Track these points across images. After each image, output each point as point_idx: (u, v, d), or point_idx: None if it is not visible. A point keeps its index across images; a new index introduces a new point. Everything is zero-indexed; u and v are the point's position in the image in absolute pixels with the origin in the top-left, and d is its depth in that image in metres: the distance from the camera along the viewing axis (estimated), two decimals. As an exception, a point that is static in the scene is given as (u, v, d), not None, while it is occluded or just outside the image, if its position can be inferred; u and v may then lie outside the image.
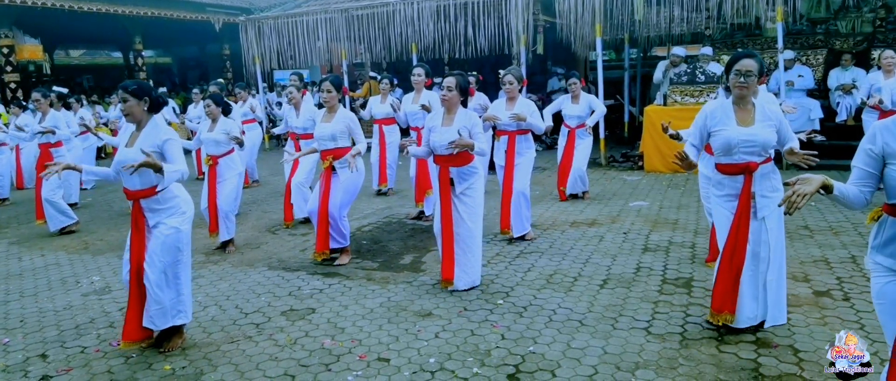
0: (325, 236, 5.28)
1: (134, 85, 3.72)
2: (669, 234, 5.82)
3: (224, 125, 6.04)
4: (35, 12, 12.38)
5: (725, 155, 3.52)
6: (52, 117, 7.05)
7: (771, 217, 3.51)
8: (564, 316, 3.98)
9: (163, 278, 3.68)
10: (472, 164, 4.54)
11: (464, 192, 4.54)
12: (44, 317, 4.55)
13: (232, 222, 6.04)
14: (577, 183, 7.43)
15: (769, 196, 3.50)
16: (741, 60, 3.43)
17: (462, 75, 4.65)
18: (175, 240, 3.68)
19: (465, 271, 4.54)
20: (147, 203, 3.66)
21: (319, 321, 4.14)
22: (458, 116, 4.53)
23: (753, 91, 3.52)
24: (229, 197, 6.03)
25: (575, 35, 10.17)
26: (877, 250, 2.35)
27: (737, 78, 3.44)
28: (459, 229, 4.53)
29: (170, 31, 17.56)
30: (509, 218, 5.73)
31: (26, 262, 6.09)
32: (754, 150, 3.45)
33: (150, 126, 3.70)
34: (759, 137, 3.43)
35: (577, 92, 7.35)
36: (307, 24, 12.83)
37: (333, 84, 5.29)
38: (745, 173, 3.48)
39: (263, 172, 10.37)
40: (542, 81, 14.87)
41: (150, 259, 3.65)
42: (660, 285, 4.48)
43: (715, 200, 3.70)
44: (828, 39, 10.46)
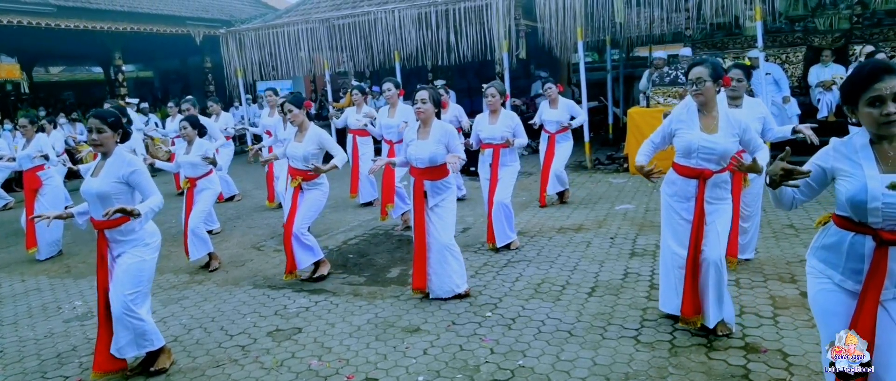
0: (291, 254, 5.21)
1: (112, 116, 3.61)
2: (656, 237, 5.80)
3: (200, 148, 5.96)
4: (11, 31, 12.21)
5: (685, 158, 3.57)
6: (36, 142, 6.93)
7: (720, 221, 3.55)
8: (553, 327, 3.96)
9: (126, 309, 3.60)
10: (446, 179, 4.57)
11: (437, 204, 4.54)
12: (24, 346, 4.45)
13: (203, 237, 5.87)
14: (555, 183, 7.44)
15: (714, 204, 3.56)
16: (692, 69, 3.52)
17: (433, 88, 4.71)
18: (137, 270, 3.60)
19: (442, 279, 4.54)
20: (111, 234, 3.60)
21: (306, 341, 4.08)
22: (434, 128, 4.53)
23: (711, 97, 3.52)
24: (200, 215, 5.93)
25: (556, 39, 10.19)
26: (814, 252, 2.42)
27: (691, 87, 3.49)
28: (432, 239, 4.54)
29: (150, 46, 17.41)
30: (493, 231, 5.70)
31: (6, 288, 5.98)
32: (712, 157, 3.49)
33: (115, 156, 3.62)
34: (719, 146, 3.46)
35: (553, 96, 7.37)
36: (288, 34, 12.78)
37: (293, 103, 5.24)
38: (698, 179, 3.52)
39: (246, 186, 10.27)
40: (525, 84, 14.89)
41: (114, 289, 3.59)
42: (648, 291, 4.46)
43: (663, 196, 3.74)
44: (806, 37, 10.55)
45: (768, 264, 4.86)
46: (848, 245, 2.24)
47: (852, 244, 2.23)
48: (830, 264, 2.31)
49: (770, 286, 4.38)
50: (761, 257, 5.01)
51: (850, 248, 2.24)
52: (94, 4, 13.62)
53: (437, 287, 4.56)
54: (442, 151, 4.47)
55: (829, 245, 2.32)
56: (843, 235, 2.26)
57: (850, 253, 2.24)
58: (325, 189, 5.34)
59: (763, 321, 3.82)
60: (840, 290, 2.29)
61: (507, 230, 5.74)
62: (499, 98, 5.75)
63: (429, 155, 4.46)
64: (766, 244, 5.34)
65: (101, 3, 13.85)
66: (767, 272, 4.67)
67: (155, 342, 3.75)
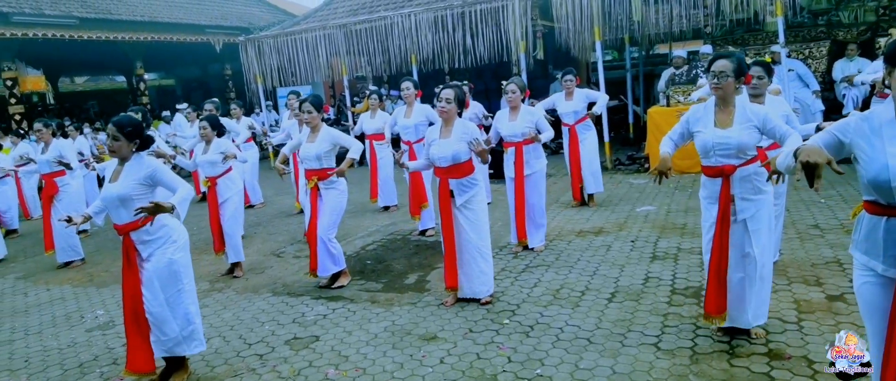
0: (315, 256, 5.23)
1: (129, 126, 3.63)
2: (678, 240, 5.72)
3: (218, 146, 6.01)
4: (37, 43, 12.47)
5: (704, 157, 3.50)
6: (55, 147, 7.05)
7: (754, 219, 3.45)
8: (572, 334, 3.90)
9: (167, 312, 3.64)
10: (471, 176, 4.52)
11: (465, 204, 4.50)
12: (48, 355, 4.52)
13: (238, 243, 6.00)
14: (590, 182, 7.32)
15: (751, 198, 3.45)
16: (716, 62, 3.42)
17: (458, 87, 4.63)
18: (171, 271, 3.64)
19: (471, 279, 4.52)
20: (137, 236, 3.62)
21: (323, 350, 4.08)
22: (456, 127, 4.50)
23: (730, 92, 3.43)
24: (232, 218, 6.01)
25: (574, 39, 10.10)
26: (856, 245, 2.34)
27: (711, 79, 3.41)
28: (462, 239, 4.51)
29: (171, 54, 17.66)
30: (524, 228, 5.66)
31: (32, 297, 6.08)
32: (729, 152, 3.40)
33: (135, 160, 3.66)
34: (734, 139, 3.36)
35: (570, 89, 7.22)
36: (306, 40, 12.83)
37: (314, 105, 5.26)
38: (721, 176, 3.43)
39: (268, 193, 10.33)
40: (543, 85, 14.79)
41: (150, 294, 3.61)
42: (669, 297, 4.38)
43: (701, 200, 3.67)
44: (830, 31, 10.32)
45: (792, 266, 4.75)
46: (884, 230, 2.14)
47: (888, 229, 2.12)
48: (872, 255, 2.22)
49: (794, 290, 4.27)
50: (785, 258, 4.89)
51: (886, 233, 2.13)
52: (116, 15, 13.84)
53: (466, 287, 4.54)
54: (464, 148, 4.43)
55: (867, 234, 2.22)
56: (876, 220, 2.16)
57: (888, 238, 2.13)
58: (342, 188, 5.31)
59: (787, 326, 3.73)
60: (883, 282, 2.20)
61: (541, 232, 5.78)
62: (519, 94, 5.70)
63: (451, 153, 4.43)
64: (791, 245, 5.22)
65: (122, 14, 14.07)
66: (791, 275, 4.55)
67: (200, 343, 3.82)
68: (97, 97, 23.18)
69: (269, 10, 19.75)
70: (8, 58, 12.46)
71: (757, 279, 3.49)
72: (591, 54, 11.30)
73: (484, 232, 4.57)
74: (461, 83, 8.05)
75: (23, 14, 11.99)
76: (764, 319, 3.60)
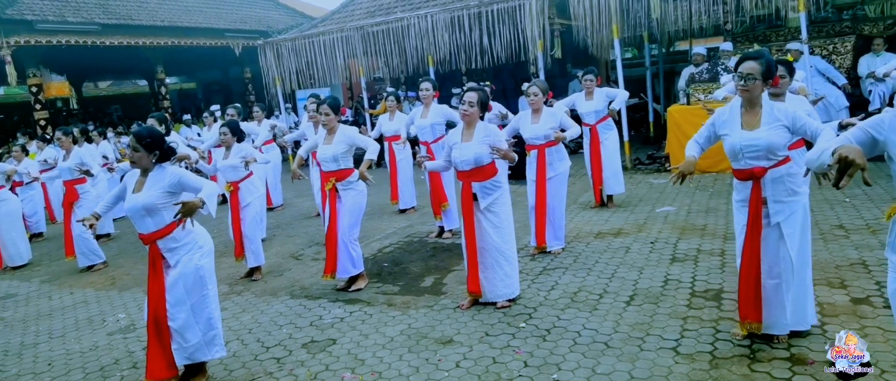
0: (334, 258, 5.23)
1: (148, 137, 3.67)
2: (698, 241, 5.64)
3: (239, 151, 6.04)
4: (60, 50, 12.69)
5: (734, 160, 3.43)
6: (76, 155, 7.15)
7: (788, 222, 3.37)
8: (589, 338, 3.86)
9: (191, 317, 3.67)
10: (495, 178, 4.49)
11: (489, 206, 4.47)
12: (71, 359, 4.58)
13: (258, 247, 6.04)
14: (611, 182, 7.25)
15: (784, 201, 3.37)
16: (743, 63, 3.33)
17: (482, 90, 4.60)
18: (197, 277, 3.68)
19: (494, 284, 4.49)
20: (164, 243, 3.66)
21: (340, 353, 4.09)
22: (478, 130, 4.47)
23: (758, 94, 3.35)
24: (253, 222, 6.04)
25: (592, 37, 10.01)
26: (892, 246, 2.29)
27: (739, 81, 3.33)
28: (485, 243, 4.48)
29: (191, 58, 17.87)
30: (545, 233, 5.62)
31: (56, 301, 6.17)
32: (758, 154, 3.32)
33: (156, 173, 3.70)
34: (762, 140, 3.28)
35: (591, 89, 7.14)
36: (324, 43, 12.90)
37: (331, 106, 5.27)
38: (752, 179, 3.36)
39: (288, 195, 10.40)
40: (562, 84, 14.70)
41: (175, 301, 3.64)
42: (688, 299, 4.32)
43: (733, 204, 3.60)
44: (856, 25, 10.11)
45: (816, 267, 4.59)
46: None
47: None
48: None
49: (818, 292, 4.17)
50: None
51: None
52: (136, 21, 14.04)
53: (489, 292, 4.51)
54: (486, 150, 4.40)
55: None
56: None
57: None
58: (361, 189, 5.31)
59: (810, 330, 3.64)
60: None
61: (560, 235, 5.73)
62: (541, 97, 5.66)
63: (473, 156, 4.40)
64: (814, 246, 5.04)
65: (143, 20, 14.27)
66: (815, 277, 4.39)
67: (221, 348, 3.85)
68: (120, 101, 23.54)
69: (288, 13, 19.89)
70: (32, 64, 12.69)
71: (794, 284, 3.40)
72: (609, 52, 11.20)
73: (509, 234, 4.54)
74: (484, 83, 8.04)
75: (46, 21, 12.21)
76: (807, 324, 3.50)
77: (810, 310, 3.52)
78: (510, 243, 4.55)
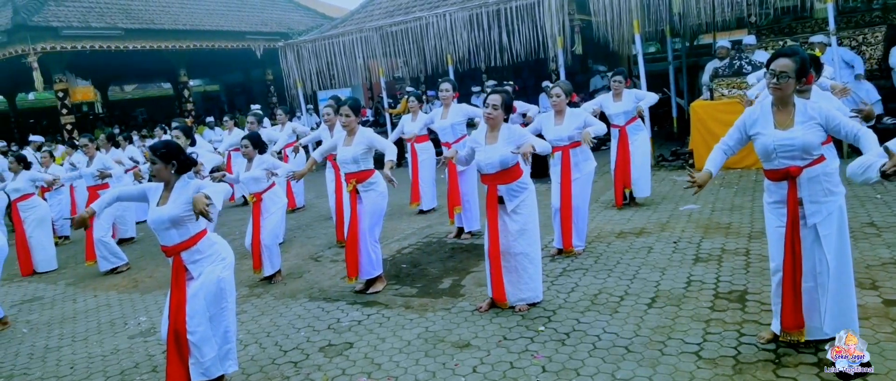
0: (356, 261, 5.21)
1: (163, 148, 3.67)
2: (722, 240, 5.51)
3: (261, 162, 6.04)
4: (84, 55, 12.89)
5: (766, 161, 3.31)
6: (98, 160, 7.24)
7: (825, 223, 3.24)
8: (609, 342, 3.78)
9: (209, 330, 3.65)
10: (521, 180, 4.41)
11: (516, 209, 4.40)
12: (92, 363, 4.62)
13: (276, 254, 6.03)
14: (639, 185, 7.10)
15: (821, 201, 3.24)
16: (776, 60, 3.20)
17: (506, 93, 4.51)
18: (219, 288, 3.67)
19: (518, 287, 4.41)
20: (188, 255, 3.65)
21: (356, 357, 4.06)
22: (503, 132, 4.40)
23: (790, 92, 3.23)
24: (273, 231, 6.02)
25: (612, 32, 9.87)
26: None
27: (771, 79, 3.20)
28: (509, 247, 4.40)
29: (214, 61, 18.05)
30: (571, 236, 5.53)
31: (80, 304, 6.25)
32: (793, 153, 3.19)
33: (180, 185, 3.69)
34: (798, 139, 3.16)
35: (619, 90, 6.99)
36: (344, 44, 12.92)
37: (352, 108, 5.25)
38: (787, 179, 3.24)
39: (308, 196, 10.43)
40: (583, 80, 14.55)
41: (194, 312, 3.61)
42: (712, 301, 4.21)
43: (764, 206, 3.47)
44: (886, 15, 9.82)
45: (846, 267, 4.50)
46: None
47: None
48: None
49: None
50: None
51: None
52: (159, 25, 14.22)
53: (511, 295, 4.43)
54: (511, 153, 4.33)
55: None
56: None
57: None
58: (382, 190, 5.29)
59: (840, 333, 3.52)
60: None
61: (582, 237, 5.65)
62: (564, 98, 5.56)
63: (499, 159, 4.32)
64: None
65: (165, 24, 14.44)
66: (845, 277, 4.31)
67: (234, 363, 3.82)
68: (145, 104, 23.90)
69: (308, 14, 19.98)
70: (59, 70, 12.92)
71: (830, 288, 3.26)
72: (630, 47, 11.04)
73: (534, 237, 4.45)
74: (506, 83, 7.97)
75: (71, 28, 12.42)
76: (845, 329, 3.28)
77: (852, 316, 3.32)
78: (535, 246, 4.47)
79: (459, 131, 7.02)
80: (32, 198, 7.78)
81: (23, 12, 11.85)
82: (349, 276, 5.26)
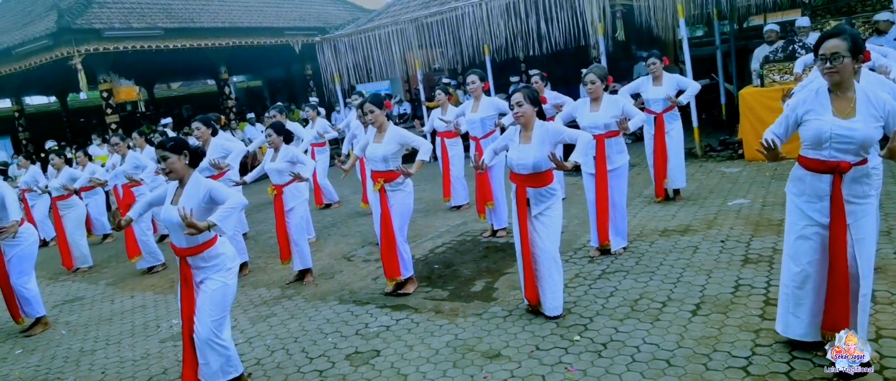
0: (394, 260, 5.06)
1: (171, 141, 3.66)
2: (773, 239, 5.14)
3: (286, 154, 5.94)
4: (127, 55, 13.11)
5: (815, 149, 2.99)
6: (131, 158, 7.30)
7: (858, 226, 2.97)
8: (650, 354, 3.52)
9: (213, 335, 3.60)
10: (550, 186, 4.20)
11: (541, 212, 4.19)
12: (123, 367, 4.61)
13: (305, 250, 5.94)
14: (673, 176, 6.76)
15: (856, 202, 2.96)
16: (825, 42, 2.90)
17: (528, 87, 4.29)
18: (222, 296, 3.63)
19: (546, 293, 4.18)
20: (194, 260, 3.65)
21: (383, 366, 3.91)
22: (536, 130, 4.17)
23: (848, 75, 2.91)
24: (299, 226, 5.94)
25: (656, 17, 9.44)
26: None
27: (823, 63, 2.90)
28: (536, 248, 4.19)
29: (254, 57, 18.19)
30: (607, 230, 5.27)
31: (117, 304, 6.29)
32: (850, 147, 2.89)
33: (192, 182, 3.65)
34: (859, 132, 2.85)
35: (657, 73, 6.60)
36: (380, 37, 12.80)
37: (374, 103, 5.08)
38: (833, 173, 2.93)
39: (344, 191, 10.36)
40: (626, 67, 14.08)
41: (199, 316, 3.61)
42: (762, 308, 3.90)
43: (789, 197, 3.19)
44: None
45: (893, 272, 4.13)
46: None
47: None
48: None
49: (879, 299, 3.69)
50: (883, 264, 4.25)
51: None
52: (198, 23, 14.35)
53: (543, 303, 4.21)
54: (546, 156, 4.10)
55: None
56: None
57: None
58: (408, 190, 5.15)
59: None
60: None
61: (622, 234, 5.38)
62: (600, 84, 5.26)
63: (533, 161, 4.11)
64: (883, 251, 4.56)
65: (205, 22, 14.57)
66: None
67: (236, 369, 3.77)
68: (190, 101, 24.34)
69: (345, 7, 19.94)
70: (102, 71, 13.18)
71: (860, 295, 3.01)
72: (675, 32, 10.57)
73: (558, 238, 4.23)
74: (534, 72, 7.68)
75: (113, 29, 12.63)
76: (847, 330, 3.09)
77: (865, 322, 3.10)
78: (558, 246, 4.22)
79: (489, 126, 6.79)
80: (72, 198, 7.93)
81: (67, 16, 12.10)
82: (388, 277, 5.12)
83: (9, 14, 15.75)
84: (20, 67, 13.41)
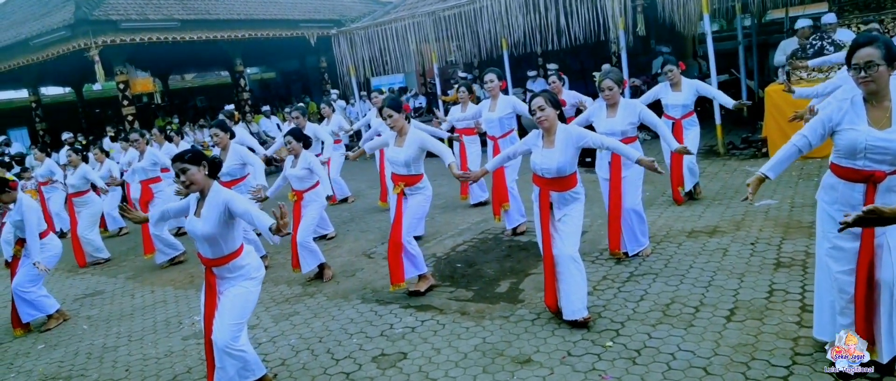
0: (398, 266, 4.99)
1: (187, 153, 3.63)
2: (805, 242, 5.04)
3: (305, 160, 5.90)
4: (143, 47, 13.10)
5: (849, 158, 2.92)
6: (149, 154, 7.28)
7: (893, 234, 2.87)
8: (686, 362, 3.44)
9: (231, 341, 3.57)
10: (574, 189, 4.13)
11: (565, 215, 4.11)
12: (146, 365, 4.59)
13: (312, 249, 5.83)
14: (687, 177, 6.65)
15: None
16: (858, 51, 2.81)
17: (548, 92, 4.23)
18: (243, 302, 3.63)
19: (570, 298, 4.06)
20: (219, 271, 3.66)
21: (410, 370, 3.85)
22: (559, 134, 4.10)
23: (884, 84, 2.82)
24: (308, 228, 5.88)
25: (677, 11, 9.29)
26: None
27: (856, 73, 2.82)
28: (557, 252, 4.11)
29: (269, 49, 18.16)
30: (618, 238, 5.17)
31: (137, 299, 6.28)
32: (886, 158, 2.81)
33: (213, 193, 3.62)
34: (895, 143, 2.76)
35: (676, 79, 6.51)
36: (396, 30, 12.71)
37: (393, 108, 5.02)
38: (867, 183, 2.86)
39: (360, 186, 10.31)
40: (646, 61, 13.92)
41: (219, 320, 3.60)
42: (798, 315, 3.81)
43: (820, 204, 3.12)
44: None
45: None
46: None
47: None
48: None
49: None
50: None
51: None
52: (214, 15, 14.33)
53: (564, 307, 4.10)
54: (569, 160, 4.04)
55: None
56: None
57: None
58: (428, 194, 5.13)
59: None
60: None
61: (639, 236, 5.23)
62: (617, 89, 5.15)
63: (556, 165, 4.04)
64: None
65: (220, 14, 14.54)
66: None
67: (256, 372, 3.73)
68: (205, 92, 24.38)
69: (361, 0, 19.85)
70: (119, 62, 13.20)
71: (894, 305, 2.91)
72: (696, 26, 10.40)
73: (577, 239, 4.14)
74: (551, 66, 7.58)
75: (130, 20, 12.63)
76: None
77: None
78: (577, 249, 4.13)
79: (508, 126, 6.71)
80: (88, 194, 7.93)
81: (84, 7, 12.11)
82: (393, 283, 5.01)
83: (26, 5, 15.78)
84: (38, 58, 13.45)
